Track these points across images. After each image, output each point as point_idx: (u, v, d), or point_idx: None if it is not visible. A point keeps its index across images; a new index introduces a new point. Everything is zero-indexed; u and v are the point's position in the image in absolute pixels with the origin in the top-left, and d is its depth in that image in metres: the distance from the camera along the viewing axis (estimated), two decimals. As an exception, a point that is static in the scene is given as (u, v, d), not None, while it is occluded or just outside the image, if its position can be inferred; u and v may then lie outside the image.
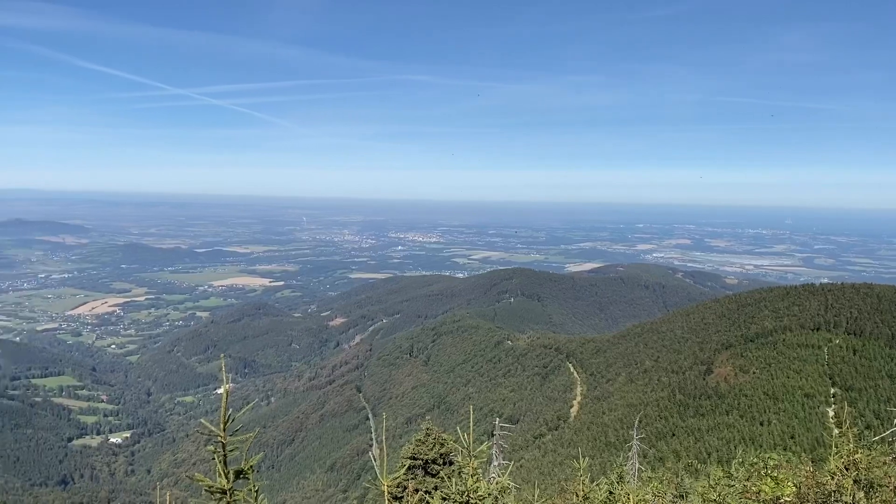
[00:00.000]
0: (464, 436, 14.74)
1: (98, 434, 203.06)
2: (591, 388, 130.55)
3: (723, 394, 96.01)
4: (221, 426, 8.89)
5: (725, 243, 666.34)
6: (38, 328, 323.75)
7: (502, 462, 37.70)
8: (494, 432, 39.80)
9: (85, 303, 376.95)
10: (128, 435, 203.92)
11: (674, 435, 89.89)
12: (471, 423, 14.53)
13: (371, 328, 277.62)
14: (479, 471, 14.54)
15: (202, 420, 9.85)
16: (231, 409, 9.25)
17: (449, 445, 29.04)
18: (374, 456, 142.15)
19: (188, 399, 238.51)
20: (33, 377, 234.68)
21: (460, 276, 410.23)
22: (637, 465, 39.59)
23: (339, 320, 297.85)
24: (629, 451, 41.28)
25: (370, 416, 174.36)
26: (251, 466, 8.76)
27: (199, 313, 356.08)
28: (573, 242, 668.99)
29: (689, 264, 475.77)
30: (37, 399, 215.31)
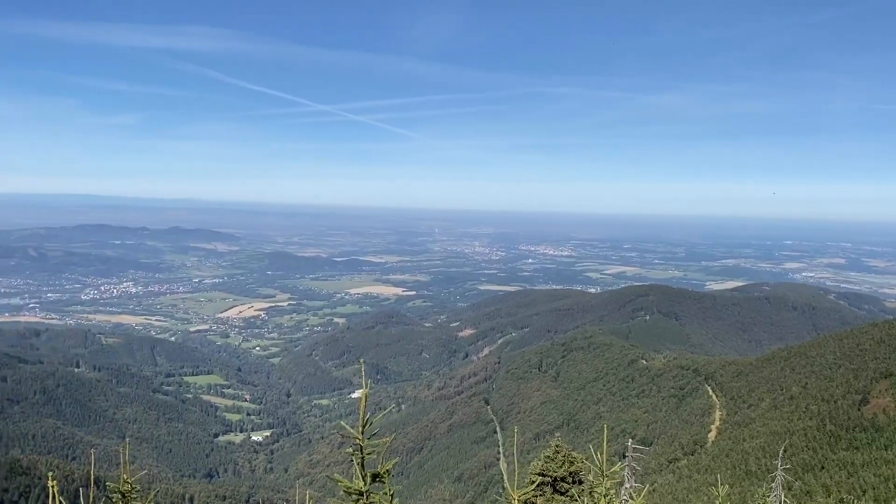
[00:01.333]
0: (596, 455, 14.33)
1: (241, 431, 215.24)
2: (731, 413, 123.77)
3: (881, 427, 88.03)
4: (360, 429, 9.13)
5: (886, 263, 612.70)
6: (192, 329, 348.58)
7: (635, 485, 36.45)
8: (627, 453, 38.60)
9: (233, 306, 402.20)
10: (268, 434, 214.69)
11: (823, 468, 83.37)
12: (604, 443, 14.11)
13: (500, 341, 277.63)
14: (612, 492, 14.09)
15: (341, 422, 10.16)
16: (369, 414, 9.52)
17: (578, 464, 28.43)
18: (502, 469, 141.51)
19: (324, 402, 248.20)
20: (185, 375, 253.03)
21: (592, 290, 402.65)
22: (782, 497, 37.12)
23: (468, 331, 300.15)
24: (772, 481, 38.85)
25: (498, 429, 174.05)
26: (387, 470, 8.94)
27: (336, 319, 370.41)
28: (715, 259, 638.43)
29: (844, 285, 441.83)
30: (188, 395, 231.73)
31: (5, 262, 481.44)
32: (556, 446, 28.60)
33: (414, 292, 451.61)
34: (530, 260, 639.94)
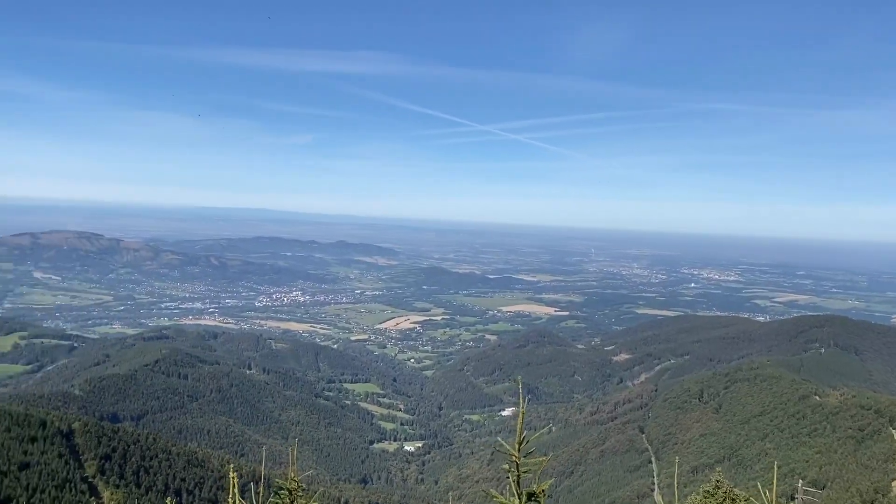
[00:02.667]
0: (764, 493, 13.32)
1: (395, 440, 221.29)
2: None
3: None
4: (516, 446, 9.00)
5: None
6: (352, 338, 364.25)
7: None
8: (796, 495, 35.74)
9: (391, 318, 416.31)
10: (420, 445, 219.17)
11: None
12: (774, 482, 13.15)
13: (657, 367, 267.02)
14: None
15: (498, 438, 10.07)
16: (525, 432, 9.36)
17: (741, 502, 26.53)
18: (657, 501, 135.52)
19: (474, 417, 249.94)
20: (345, 381, 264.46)
21: (760, 319, 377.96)
22: None
23: (623, 356, 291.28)
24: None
25: (653, 459, 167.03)
26: (543, 490, 8.73)
27: (487, 336, 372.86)
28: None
29: None
30: (346, 402, 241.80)
31: (191, 269, 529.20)
32: (717, 481, 26.89)
33: (567, 312, 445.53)
34: (693, 284, 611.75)
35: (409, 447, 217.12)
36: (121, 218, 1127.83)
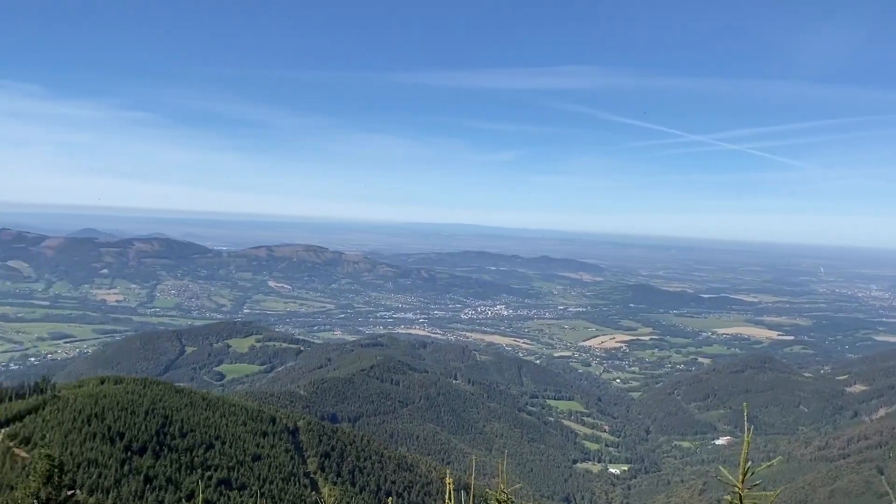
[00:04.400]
0: None
1: (598, 462, 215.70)
2: None
3: None
4: (740, 477, 7.96)
5: None
6: (555, 354, 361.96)
7: None
8: None
9: (595, 336, 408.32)
10: (625, 468, 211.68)
11: None
12: None
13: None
14: None
15: (720, 467, 9.08)
16: (750, 462, 8.31)
17: None
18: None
19: (685, 444, 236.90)
20: (548, 398, 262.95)
21: None
22: None
23: (858, 387, 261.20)
24: None
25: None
26: (773, 530, 7.61)
27: (700, 359, 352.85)
28: None
29: None
30: (549, 418, 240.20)
31: (403, 281, 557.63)
32: None
33: (791, 337, 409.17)
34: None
35: (613, 469, 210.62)
36: (343, 233, 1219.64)
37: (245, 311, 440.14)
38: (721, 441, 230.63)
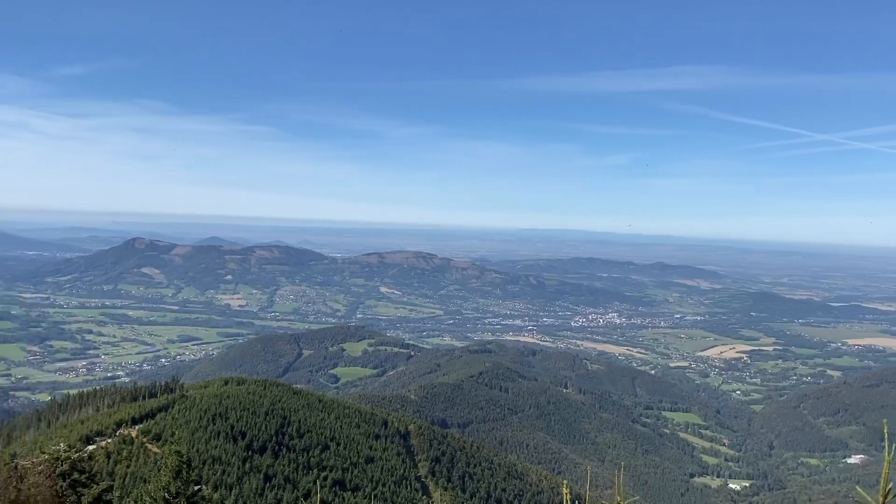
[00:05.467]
0: None
1: (718, 476, 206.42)
2: None
3: None
4: (880, 499, 7.00)
5: None
6: (671, 364, 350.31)
7: None
8: None
9: (713, 346, 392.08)
10: (747, 484, 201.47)
11: None
12: None
13: None
14: None
15: (858, 488, 8.07)
16: (892, 484, 7.38)
17: None
18: None
19: (812, 461, 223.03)
20: (663, 409, 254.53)
21: None
22: None
23: None
24: None
25: None
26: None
27: (829, 371, 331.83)
28: None
29: None
30: (665, 430, 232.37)
31: (512, 287, 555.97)
32: None
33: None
34: None
35: (734, 485, 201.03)
36: (452, 239, 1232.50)
37: (358, 315, 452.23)
38: (853, 459, 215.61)
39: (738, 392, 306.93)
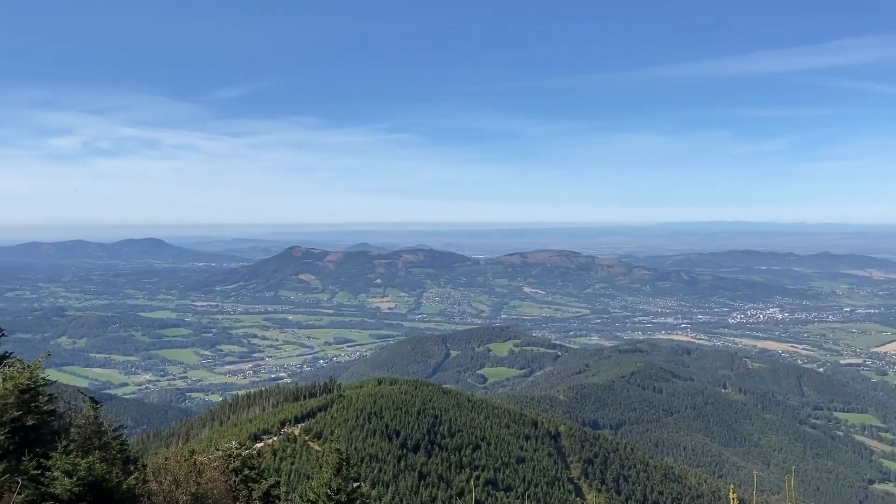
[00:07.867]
0: None
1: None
2: None
3: None
4: None
5: None
6: (842, 361, 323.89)
7: None
8: None
9: (891, 341, 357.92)
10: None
11: None
12: None
13: None
14: None
15: None
16: None
17: None
18: None
19: None
20: (835, 410, 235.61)
21: None
22: None
23: None
24: None
25: None
26: None
27: None
28: None
29: None
30: (838, 433, 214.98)
31: (662, 284, 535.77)
32: None
33: None
34: None
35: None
36: (595, 237, 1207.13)
37: (502, 316, 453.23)
38: None
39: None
